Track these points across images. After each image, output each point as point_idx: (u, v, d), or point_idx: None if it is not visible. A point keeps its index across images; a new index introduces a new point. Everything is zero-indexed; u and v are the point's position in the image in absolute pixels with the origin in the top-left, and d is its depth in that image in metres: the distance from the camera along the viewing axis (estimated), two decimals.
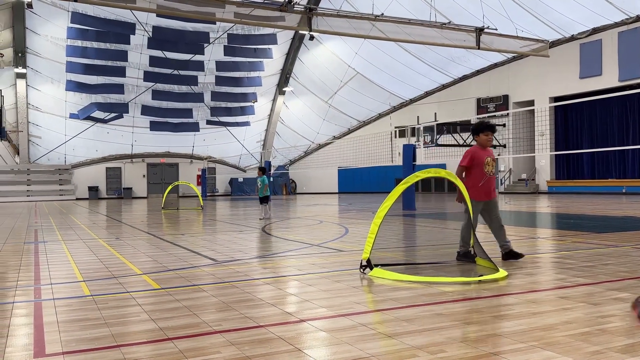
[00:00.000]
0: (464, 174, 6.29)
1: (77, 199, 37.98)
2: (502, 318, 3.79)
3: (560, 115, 30.58)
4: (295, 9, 18.76)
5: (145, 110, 36.64)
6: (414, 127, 27.03)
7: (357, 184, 40.68)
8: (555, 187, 30.35)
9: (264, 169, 15.19)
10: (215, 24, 31.68)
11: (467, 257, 6.17)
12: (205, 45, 34.07)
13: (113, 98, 35.48)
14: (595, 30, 27.22)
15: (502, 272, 5.30)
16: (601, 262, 6.10)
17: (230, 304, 4.32)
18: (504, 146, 31.17)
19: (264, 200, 14.32)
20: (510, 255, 6.25)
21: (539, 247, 7.80)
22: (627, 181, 27.39)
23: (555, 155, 30.66)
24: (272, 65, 37.38)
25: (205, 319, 3.86)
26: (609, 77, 26.96)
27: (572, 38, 28.25)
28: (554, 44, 27.74)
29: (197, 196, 23.61)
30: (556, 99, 28.77)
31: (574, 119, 30.77)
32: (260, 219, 13.84)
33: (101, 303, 4.45)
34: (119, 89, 34.62)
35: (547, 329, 3.47)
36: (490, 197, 6.29)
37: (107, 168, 40.19)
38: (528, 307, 4.07)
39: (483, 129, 6.32)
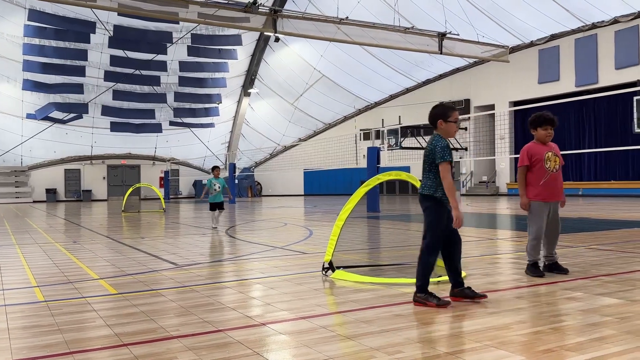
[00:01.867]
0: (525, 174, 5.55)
1: (34, 201, 36.83)
2: (458, 318, 3.86)
3: (520, 119, 31.33)
4: (260, 10, 18.71)
5: (106, 110, 35.80)
6: (379, 130, 27.29)
7: (323, 186, 40.78)
8: (514, 189, 31.10)
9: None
10: (178, 23, 31.25)
11: (555, 268, 5.46)
12: (168, 45, 33.55)
13: (72, 98, 34.54)
14: (553, 37, 28.04)
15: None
16: None
17: (190, 309, 4.27)
18: (466, 149, 31.77)
19: (221, 206, 12.24)
20: (554, 268, 5.48)
21: (498, 248, 7.98)
22: (583, 183, 28.30)
23: (515, 158, 31.43)
24: (237, 67, 37.10)
25: (162, 324, 3.80)
26: (566, 83, 27.82)
27: (531, 44, 29.04)
28: (513, 49, 28.44)
29: (159, 199, 23.20)
30: (516, 104, 29.50)
31: None
32: (214, 227, 12.15)
33: (55, 309, 4.33)
34: (78, 88, 33.73)
35: (502, 328, 3.55)
36: (557, 197, 5.41)
37: (65, 170, 39.11)
38: (484, 307, 4.16)
39: (542, 123, 5.50)
